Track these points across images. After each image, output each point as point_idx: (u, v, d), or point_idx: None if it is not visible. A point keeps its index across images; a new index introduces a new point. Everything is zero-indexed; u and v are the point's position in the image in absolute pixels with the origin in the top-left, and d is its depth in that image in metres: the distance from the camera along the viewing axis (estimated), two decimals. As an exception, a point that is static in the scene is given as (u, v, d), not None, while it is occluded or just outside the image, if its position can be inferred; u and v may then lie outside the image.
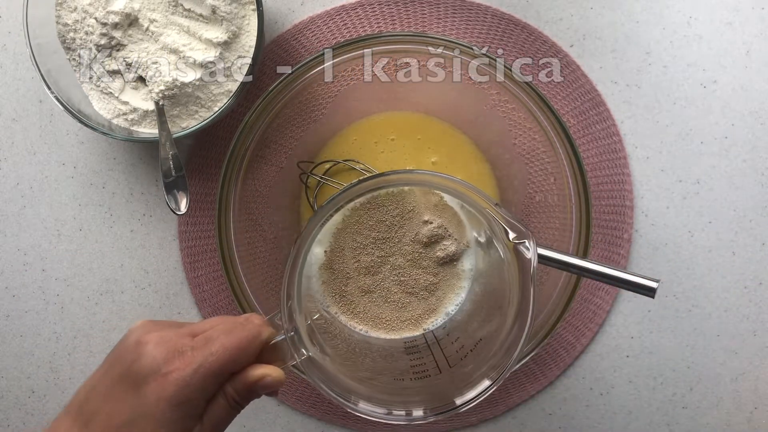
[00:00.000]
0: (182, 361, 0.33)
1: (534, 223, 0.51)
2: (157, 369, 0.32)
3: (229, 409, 0.34)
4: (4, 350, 0.58)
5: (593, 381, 0.56)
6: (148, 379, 0.32)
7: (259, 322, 0.36)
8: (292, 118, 0.50)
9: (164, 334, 0.34)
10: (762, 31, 0.54)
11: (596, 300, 0.55)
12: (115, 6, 0.47)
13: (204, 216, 0.56)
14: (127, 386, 0.33)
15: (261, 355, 0.36)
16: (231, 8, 0.48)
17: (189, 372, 0.32)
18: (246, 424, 0.57)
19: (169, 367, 0.32)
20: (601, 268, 0.39)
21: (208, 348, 0.33)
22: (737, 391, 0.55)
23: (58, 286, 0.57)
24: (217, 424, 0.34)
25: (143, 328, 0.35)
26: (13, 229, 0.57)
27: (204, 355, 0.33)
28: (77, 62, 0.51)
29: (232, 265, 0.47)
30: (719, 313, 0.55)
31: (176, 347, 0.33)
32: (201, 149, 0.55)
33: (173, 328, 0.35)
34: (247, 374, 0.34)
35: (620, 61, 0.55)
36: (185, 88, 0.49)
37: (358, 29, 0.55)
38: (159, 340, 0.34)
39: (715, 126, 0.55)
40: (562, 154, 0.46)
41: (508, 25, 0.54)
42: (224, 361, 0.33)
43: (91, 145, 0.57)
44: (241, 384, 0.34)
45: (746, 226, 0.55)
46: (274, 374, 0.35)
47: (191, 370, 0.32)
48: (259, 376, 0.34)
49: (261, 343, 0.35)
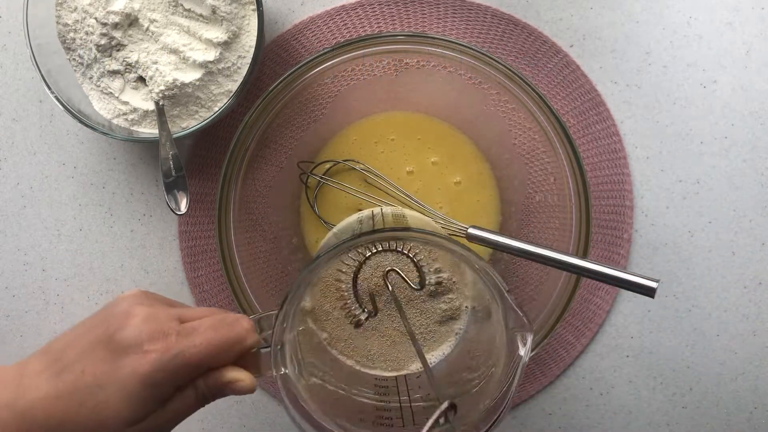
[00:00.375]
0: (164, 343, 0.33)
1: (534, 223, 0.51)
2: (139, 344, 0.33)
3: (195, 402, 0.34)
4: (4, 350, 0.58)
5: (593, 381, 0.56)
6: (128, 350, 0.32)
7: (247, 327, 0.35)
8: (292, 118, 0.50)
9: (154, 311, 0.34)
10: (762, 31, 0.54)
11: (596, 300, 0.55)
12: (115, 6, 0.47)
13: (204, 216, 0.56)
14: (106, 351, 0.33)
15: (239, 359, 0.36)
16: (231, 8, 0.48)
17: (168, 357, 0.32)
18: (246, 424, 0.57)
19: (150, 346, 0.33)
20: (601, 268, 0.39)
21: (192, 338, 0.33)
22: (737, 391, 0.55)
23: (59, 286, 0.57)
24: (179, 413, 0.34)
25: (135, 298, 0.35)
26: (13, 229, 0.57)
27: (186, 344, 0.33)
28: (77, 62, 0.51)
29: (232, 265, 0.47)
30: (719, 313, 0.55)
31: (162, 328, 0.33)
32: (201, 149, 0.55)
33: (164, 306, 0.35)
34: (222, 374, 0.35)
35: (620, 61, 0.55)
36: (185, 88, 0.49)
37: (358, 29, 0.55)
38: (147, 315, 0.34)
39: (715, 126, 0.55)
40: (562, 154, 0.46)
41: (508, 25, 0.54)
42: (203, 356, 0.33)
43: (91, 145, 0.57)
44: (213, 381, 0.34)
45: (746, 226, 0.55)
46: (247, 381, 0.35)
47: (171, 355, 0.33)
48: (232, 379, 0.35)
49: (243, 348, 0.35)
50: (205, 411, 0.57)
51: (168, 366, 0.32)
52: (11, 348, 0.58)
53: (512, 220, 0.53)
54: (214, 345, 0.34)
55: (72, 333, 0.35)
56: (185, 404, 0.34)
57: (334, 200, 0.54)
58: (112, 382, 0.32)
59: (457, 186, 0.54)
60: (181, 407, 0.34)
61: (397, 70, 0.50)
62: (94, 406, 0.32)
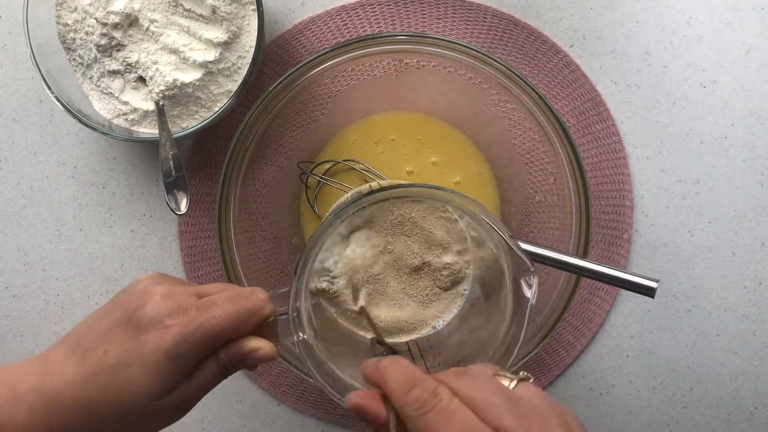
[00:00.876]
0: (185, 317, 0.33)
1: (534, 223, 0.51)
2: (160, 320, 0.33)
3: (218, 373, 0.35)
4: (4, 350, 0.58)
5: (593, 381, 0.56)
6: (148, 327, 0.33)
7: (263, 297, 0.36)
8: (292, 118, 0.50)
9: (172, 289, 0.35)
10: (762, 31, 0.54)
11: (596, 300, 0.55)
12: (115, 6, 0.47)
13: (204, 216, 0.56)
14: (127, 330, 0.33)
15: (257, 329, 0.36)
16: (231, 8, 0.48)
17: (189, 330, 0.33)
18: (246, 424, 0.57)
19: (171, 321, 0.33)
20: (601, 268, 0.39)
21: (211, 311, 0.34)
22: (737, 391, 0.55)
23: (59, 286, 0.57)
24: (204, 385, 0.35)
25: (153, 279, 0.36)
26: (13, 229, 0.57)
27: (206, 317, 0.34)
28: (77, 62, 0.51)
29: (232, 265, 0.47)
30: (719, 313, 0.55)
31: (181, 304, 0.34)
32: (201, 149, 0.55)
33: (182, 285, 0.36)
34: (242, 344, 0.35)
35: (620, 61, 0.55)
36: (185, 88, 0.49)
37: (358, 29, 0.55)
38: (166, 293, 0.34)
39: (715, 126, 0.55)
40: (562, 154, 0.46)
41: (508, 25, 0.54)
42: (223, 327, 0.34)
43: (91, 145, 0.57)
44: (234, 352, 0.35)
45: (746, 226, 0.55)
46: (267, 348, 0.35)
47: (192, 328, 0.33)
48: (253, 347, 0.35)
49: (261, 317, 0.36)
50: (204, 411, 0.57)
51: (190, 339, 0.33)
52: (11, 348, 0.58)
53: (512, 220, 0.53)
54: (233, 316, 0.34)
55: (91, 318, 0.35)
56: (209, 376, 0.35)
57: (334, 200, 0.55)
58: (136, 359, 0.33)
59: (457, 186, 0.54)
60: (205, 379, 0.35)
61: (397, 70, 0.50)
62: (120, 385, 0.32)
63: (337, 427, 0.56)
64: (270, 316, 0.36)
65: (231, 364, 0.35)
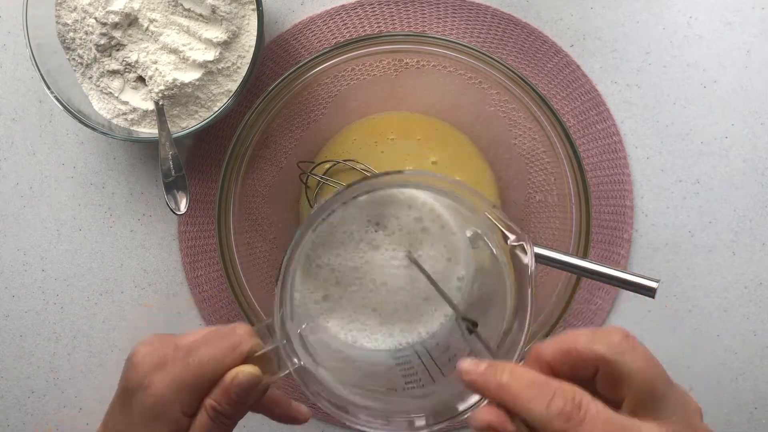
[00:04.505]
0: (162, 373, 0.33)
1: (534, 223, 0.51)
2: (142, 381, 0.33)
3: (210, 422, 0.33)
4: (4, 350, 0.58)
5: (593, 381, 0.56)
6: (135, 391, 0.33)
7: (242, 332, 0.35)
8: (292, 118, 0.50)
9: (154, 346, 0.34)
10: (762, 31, 0.54)
11: (596, 300, 0.55)
12: (114, 6, 0.47)
13: (204, 216, 0.56)
14: (122, 399, 0.34)
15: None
16: (231, 8, 0.48)
17: (164, 385, 0.33)
18: (246, 425, 0.57)
19: (150, 379, 0.33)
20: (601, 268, 0.39)
21: (185, 360, 0.33)
22: (737, 391, 0.55)
23: (58, 286, 0.57)
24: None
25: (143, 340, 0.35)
26: (13, 229, 0.57)
27: (180, 367, 0.33)
28: (77, 62, 0.51)
29: (232, 265, 0.47)
30: (719, 313, 0.55)
31: (160, 359, 0.34)
32: (201, 149, 0.55)
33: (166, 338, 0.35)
34: (222, 380, 0.33)
35: (620, 61, 0.55)
36: (185, 88, 0.49)
37: (358, 29, 0.55)
38: (147, 351, 0.34)
39: (715, 126, 0.55)
40: (562, 154, 0.46)
41: (508, 25, 0.54)
42: (196, 374, 0.33)
43: (91, 145, 0.57)
44: (218, 391, 0.33)
45: (746, 226, 0.55)
46: (246, 370, 0.33)
47: (168, 380, 0.33)
48: (230, 377, 0.33)
49: (241, 353, 0.34)
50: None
51: (166, 393, 0.32)
52: (11, 348, 0.58)
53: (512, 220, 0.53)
54: (206, 359, 0.33)
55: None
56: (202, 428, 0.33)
57: (334, 200, 0.54)
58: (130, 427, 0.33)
59: (457, 186, 0.54)
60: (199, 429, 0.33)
61: (396, 70, 0.50)
62: None
63: (337, 427, 0.56)
64: (254, 351, 0.35)
65: (222, 406, 0.33)
